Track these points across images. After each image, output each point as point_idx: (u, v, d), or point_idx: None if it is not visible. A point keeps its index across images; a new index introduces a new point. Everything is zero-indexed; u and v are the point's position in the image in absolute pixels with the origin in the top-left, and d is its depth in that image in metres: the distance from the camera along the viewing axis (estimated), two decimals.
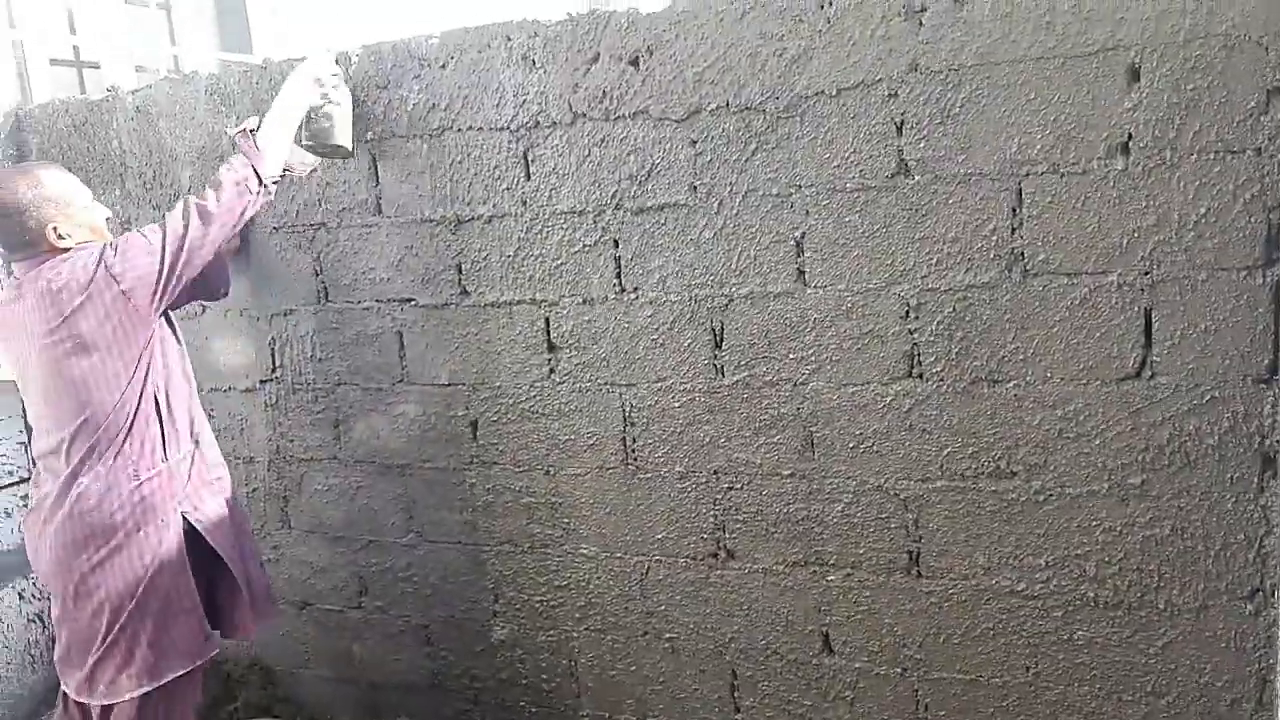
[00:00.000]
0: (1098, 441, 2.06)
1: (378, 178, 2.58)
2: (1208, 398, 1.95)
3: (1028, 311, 2.06)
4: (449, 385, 2.64)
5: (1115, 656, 2.13)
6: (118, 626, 2.18)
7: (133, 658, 2.18)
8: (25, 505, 3.29)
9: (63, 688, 2.32)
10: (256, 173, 2.22)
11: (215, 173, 2.24)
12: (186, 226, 2.15)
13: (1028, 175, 1.99)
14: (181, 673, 2.23)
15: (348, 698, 3.02)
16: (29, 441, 2.37)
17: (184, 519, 2.25)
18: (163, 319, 2.26)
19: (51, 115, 2.95)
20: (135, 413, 2.17)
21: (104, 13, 3.55)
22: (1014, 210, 2.02)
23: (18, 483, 3.29)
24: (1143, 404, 2.00)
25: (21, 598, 3.31)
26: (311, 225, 2.68)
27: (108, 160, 2.88)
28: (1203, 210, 1.88)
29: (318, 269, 2.72)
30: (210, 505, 2.33)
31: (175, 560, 2.22)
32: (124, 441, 2.16)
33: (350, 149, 2.46)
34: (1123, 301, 1.98)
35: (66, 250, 2.16)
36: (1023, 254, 2.03)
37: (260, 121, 2.29)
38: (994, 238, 2.05)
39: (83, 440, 2.16)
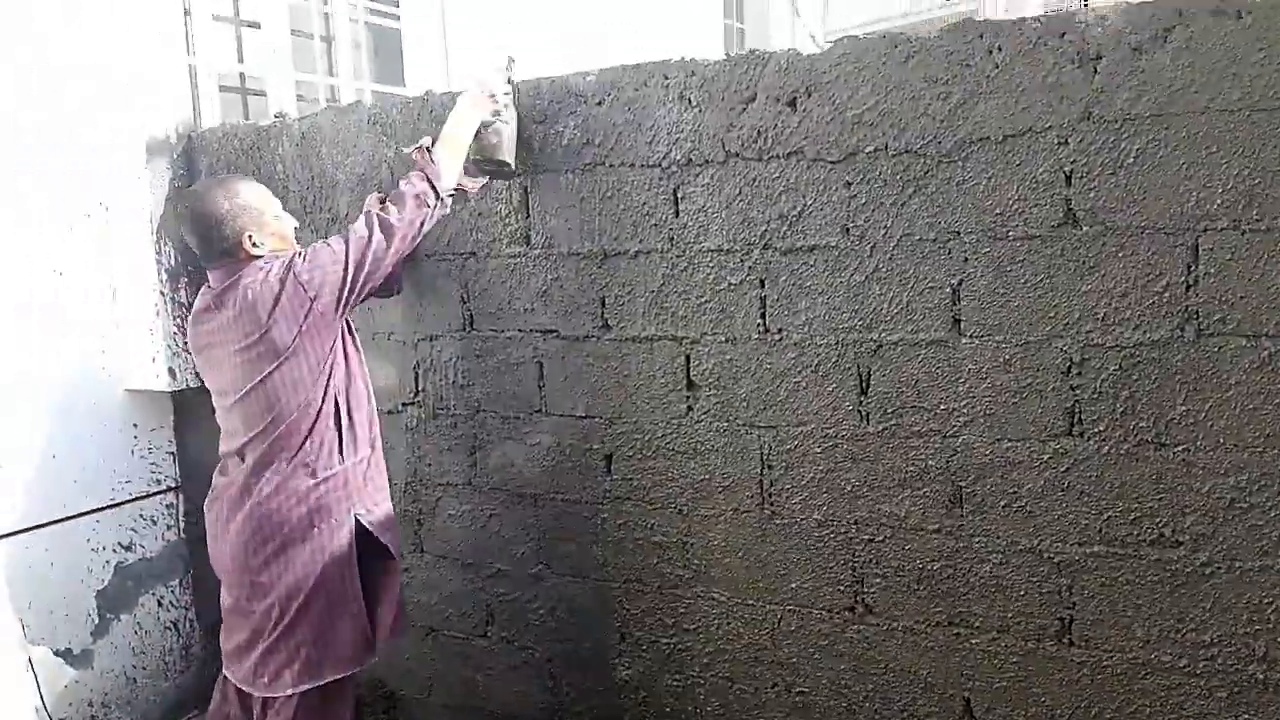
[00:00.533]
0: (1274, 513, 2.00)
1: (528, 210, 2.72)
2: None
3: (1201, 373, 2.02)
4: (586, 418, 2.74)
5: None
6: (285, 622, 2.35)
7: (298, 654, 2.35)
8: (170, 510, 3.53)
9: (225, 673, 2.52)
10: (434, 187, 2.40)
11: (396, 188, 2.43)
12: (370, 238, 2.34)
13: (1206, 230, 1.97)
14: (341, 675, 2.38)
15: None
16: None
17: (356, 520, 2.41)
18: (345, 328, 2.44)
19: (222, 138, 3.21)
20: (318, 414, 2.35)
21: (271, 42, 3.83)
22: (1189, 266, 2.00)
23: (164, 491, 3.54)
24: None
25: (160, 605, 3.55)
26: (461, 254, 2.83)
27: (272, 183, 3.09)
28: None
29: (464, 296, 2.87)
30: (382, 508, 2.49)
31: (345, 560, 2.39)
32: (304, 441, 2.35)
33: (515, 167, 2.62)
34: None
35: (259, 258, 2.37)
36: (1198, 313, 2.01)
37: (435, 139, 2.47)
38: (1166, 294, 2.03)
39: (266, 440, 2.35)
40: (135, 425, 3.42)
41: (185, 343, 3.33)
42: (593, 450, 2.75)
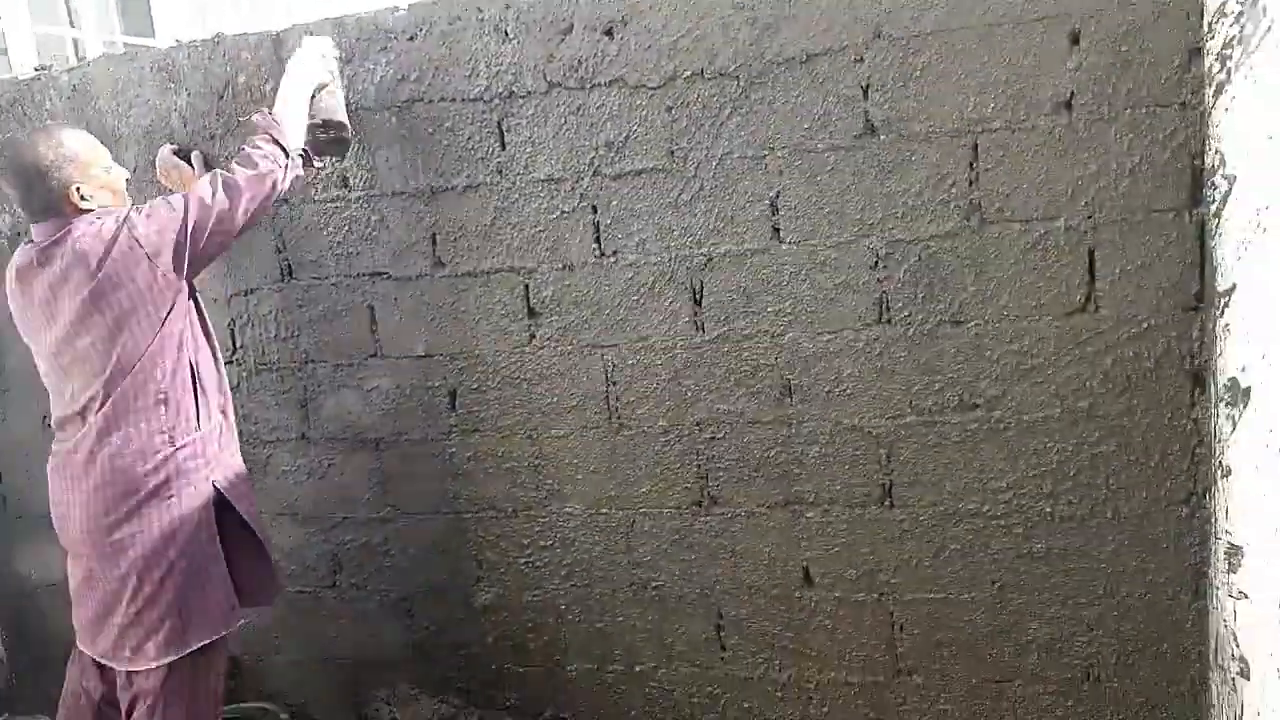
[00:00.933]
0: (1050, 371, 2.34)
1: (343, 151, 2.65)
2: (1145, 326, 2.25)
3: (985, 257, 2.31)
4: (425, 357, 2.74)
5: (1070, 564, 2.42)
6: (146, 591, 2.23)
7: (161, 625, 2.24)
8: None
9: (80, 649, 2.38)
10: (281, 146, 2.29)
11: (241, 150, 2.29)
12: (213, 196, 2.21)
13: (983, 132, 2.25)
14: (207, 641, 2.29)
15: (324, 680, 3.08)
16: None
17: (214, 488, 2.31)
18: (192, 294, 2.32)
19: None
20: (171, 380, 2.24)
21: None
22: (971, 164, 2.27)
23: None
24: (1088, 335, 2.29)
25: None
26: (273, 202, 2.71)
27: None
28: (1137, 159, 2.17)
29: (280, 246, 2.77)
30: (237, 476, 2.41)
31: (205, 526, 2.29)
32: (158, 407, 2.23)
33: (350, 131, 2.51)
34: (1069, 243, 2.25)
35: (88, 211, 2.21)
36: (980, 204, 2.29)
37: (273, 104, 2.36)
38: (954, 190, 2.30)
39: (111, 401, 2.21)
40: None
41: None
42: (435, 388, 2.75)
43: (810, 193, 2.38)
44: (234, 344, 2.88)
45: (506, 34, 2.47)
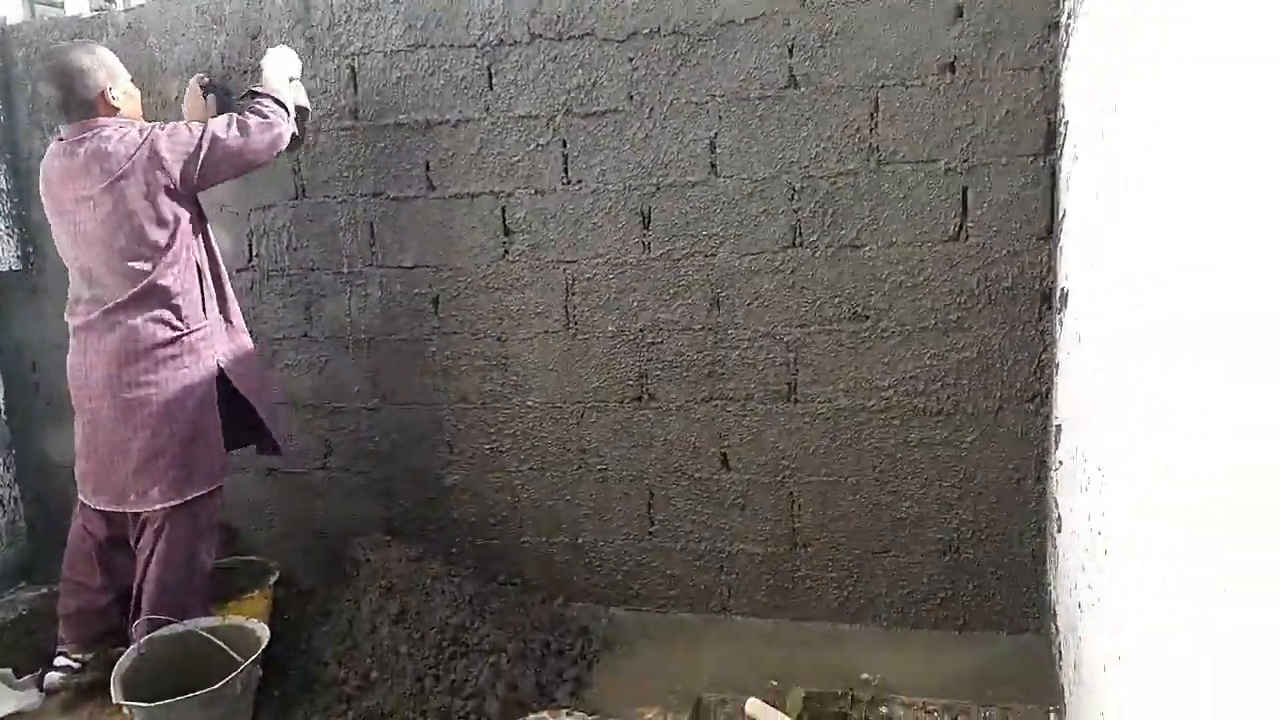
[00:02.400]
0: (927, 289, 2.46)
1: (356, 87, 2.72)
2: (1005, 252, 2.39)
3: (881, 193, 2.44)
4: (414, 267, 2.79)
5: (938, 453, 2.53)
6: (156, 444, 2.26)
7: (165, 476, 2.28)
8: None
9: (83, 501, 2.39)
10: (284, 105, 2.36)
11: (252, 105, 2.36)
12: (225, 134, 2.26)
13: (882, 87, 2.38)
14: (202, 492, 2.33)
15: (307, 550, 3.08)
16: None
17: (218, 365, 2.37)
18: (198, 210, 2.37)
19: (40, 30, 2.91)
20: (181, 275, 2.29)
21: None
22: (872, 115, 2.41)
23: None
24: (960, 259, 2.42)
25: None
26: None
27: None
28: (1004, 113, 2.32)
29: (296, 168, 2.81)
30: (239, 357, 2.46)
31: (207, 396, 2.34)
32: (175, 297, 2.28)
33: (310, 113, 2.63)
34: (947, 183, 2.39)
35: (117, 111, 2.25)
36: (878, 148, 2.42)
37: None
38: (857, 136, 2.43)
39: (131, 285, 2.24)
40: None
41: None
42: (421, 294, 2.81)
43: (743, 135, 2.50)
44: (251, 253, 2.91)
45: None
